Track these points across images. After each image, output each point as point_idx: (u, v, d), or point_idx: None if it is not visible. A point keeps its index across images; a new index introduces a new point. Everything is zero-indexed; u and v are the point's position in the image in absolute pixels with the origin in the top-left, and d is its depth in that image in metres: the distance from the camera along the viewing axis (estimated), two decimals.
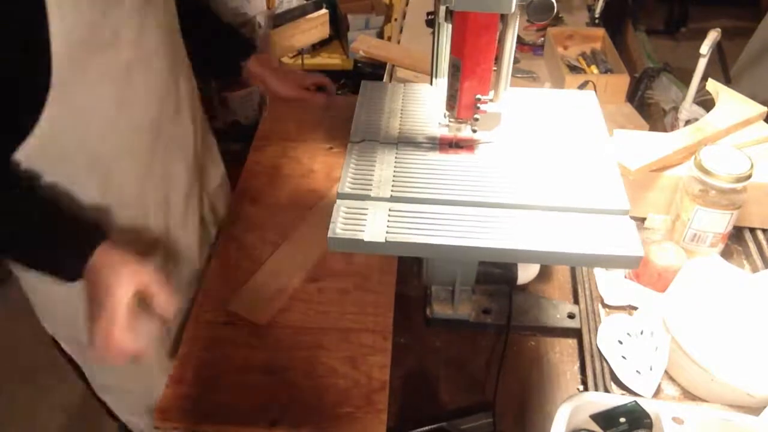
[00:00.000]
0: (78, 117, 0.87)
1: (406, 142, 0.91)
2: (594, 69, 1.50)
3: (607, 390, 0.87)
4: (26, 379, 1.91)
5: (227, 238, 1.12)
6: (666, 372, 0.85)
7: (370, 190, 0.81)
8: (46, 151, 0.87)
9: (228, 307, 0.99)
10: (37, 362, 1.49)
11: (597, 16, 1.69)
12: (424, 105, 0.99)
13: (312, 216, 1.13)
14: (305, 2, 2.05)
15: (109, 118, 0.90)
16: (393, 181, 0.83)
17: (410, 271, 1.03)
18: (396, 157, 0.88)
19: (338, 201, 0.79)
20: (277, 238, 1.10)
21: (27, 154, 0.86)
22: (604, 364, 0.90)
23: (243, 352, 0.92)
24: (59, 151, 0.88)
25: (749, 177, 0.94)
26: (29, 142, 0.84)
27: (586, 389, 0.88)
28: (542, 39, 1.67)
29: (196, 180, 1.13)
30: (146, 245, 1.03)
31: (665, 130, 1.21)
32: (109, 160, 0.94)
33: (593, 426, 0.74)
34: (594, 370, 0.90)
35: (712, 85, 1.19)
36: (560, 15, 1.72)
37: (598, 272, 1.02)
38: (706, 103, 1.20)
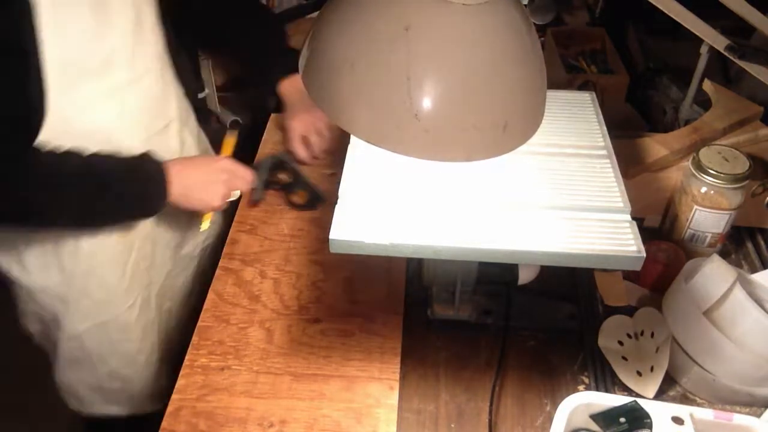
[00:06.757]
0: (74, 141, 0.86)
1: None
2: (594, 69, 1.50)
3: (607, 390, 0.87)
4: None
5: (224, 271, 1.05)
6: (667, 372, 0.85)
7: (371, 191, 0.82)
8: None
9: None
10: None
11: (597, 16, 1.69)
12: None
13: None
14: (305, 2, 2.05)
15: (102, 140, 0.90)
16: (393, 182, 0.83)
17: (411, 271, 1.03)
18: (396, 159, 0.87)
19: (339, 203, 0.79)
20: (279, 273, 1.02)
21: None
22: (605, 365, 0.90)
23: (240, 402, 0.87)
24: None
25: (747, 177, 0.94)
26: None
27: (586, 389, 0.89)
28: (542, 39, 1.67)
29: None
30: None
31: (665, 130, 1.21)
32: None
33: (593, 426, 0.74)
34: (594, 370, 0.90)
35: (709, 86, 1.19)
36: (560, 15, 1.72)
37: (598, 272, 1.02)
38: (706, 103, 1.20)
